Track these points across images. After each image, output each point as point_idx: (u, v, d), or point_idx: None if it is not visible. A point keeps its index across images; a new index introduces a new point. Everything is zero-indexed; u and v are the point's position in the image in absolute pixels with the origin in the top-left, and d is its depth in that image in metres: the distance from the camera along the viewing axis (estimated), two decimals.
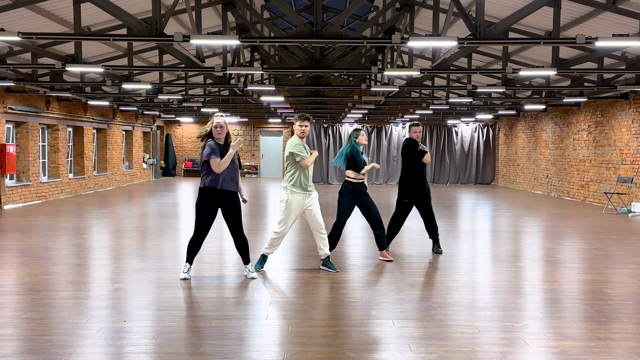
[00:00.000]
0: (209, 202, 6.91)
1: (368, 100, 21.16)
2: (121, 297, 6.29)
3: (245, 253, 7.22)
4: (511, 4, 10.51)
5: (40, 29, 11.20)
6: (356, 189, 8.13)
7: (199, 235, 7.00)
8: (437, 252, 8.97)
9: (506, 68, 11.44)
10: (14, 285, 6.86)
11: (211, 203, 6.91)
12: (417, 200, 8.90)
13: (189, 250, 7.09)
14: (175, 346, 4.77)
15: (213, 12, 13.44)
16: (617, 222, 13.14)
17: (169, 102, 21.04)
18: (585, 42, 7.79)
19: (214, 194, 6.88)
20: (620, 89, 13.65)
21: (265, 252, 7.63)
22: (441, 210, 15.69)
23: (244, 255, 7.23)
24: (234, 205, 7.00)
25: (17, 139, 16.60)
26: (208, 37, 8.51)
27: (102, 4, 7.95)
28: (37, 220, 12.87)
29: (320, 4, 8.72)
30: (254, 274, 7.21)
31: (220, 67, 11.32)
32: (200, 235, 7.00)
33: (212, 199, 6.89)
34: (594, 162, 17.82)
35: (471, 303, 6.15)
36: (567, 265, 8.20)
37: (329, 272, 7.54)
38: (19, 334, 5.05)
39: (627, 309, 5.96)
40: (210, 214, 6.94)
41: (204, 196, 6.91)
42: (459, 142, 27.78)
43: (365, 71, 11.93)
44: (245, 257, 7.24)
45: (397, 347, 4.81)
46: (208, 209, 6.93)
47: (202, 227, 6.96)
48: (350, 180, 8.14)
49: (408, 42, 8.06)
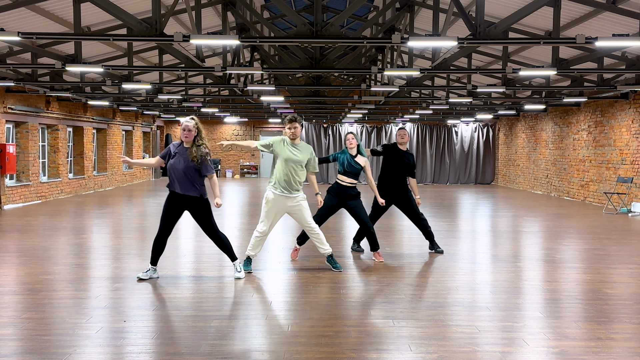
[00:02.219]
0: (170, 204, 6.97)
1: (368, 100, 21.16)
2: (121, 297, 6.28)
3: (228, 251, 7.21)
4: (511, 4, 10.51)
5: (40, 29, 11.20)
6: (343, 191, 8.16)
7: (160, 234, 7.04)
8: (438, 251, 8.96)
9: (506, 68, 11.44)
10: (14, 285, 6.86)
11: (172, 205, 6.96)
12: (400, 204, 8.83)
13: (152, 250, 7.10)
14: (175, 346, 4.76)
15: (213, 12, 13.44)
16: (617, 222, 13.14)
17: (169, 102, 21.04)
18: (585, 42, 7.79)
19: (175, 197, 6.93)
20: (620, 89, 13.65)
21: (248, 254, 7.54)
22: (441, 210, 15.69)
23: (227, 253, 7.23)
24: (198, 210, 6.99)
25: (17, 139, 16.60)
26: (208, 37, 8.51)
27: (102, 4, 7.95)
28: (37, 220, 12.86)
29: (320, 4, 8.72)
30: (241, 274, 7.17)
31: (220, 67, 11.32)
32: (161, 234, 7.04)
33: (173, 201, 6.94)
34: (594, 162, 17.82)
35: (471, 303, 6.15)
36: (567, 265, 8.20)
37: (333, 271, 7.53)
38: (19, 334, 5.05)
39: (627, 309, 5.96)
40: (171, 215, 6.98)
41: (167, 198, 7.01)
42: (459, 142, 27.78)
43: (365, 71, 11.93)
44: (230, 255, 7.24)
45: (397, 347, 4.81)
46: (169, 210, 6.97)
47: (162, 227, 7.02)
48: (338, 181, 8.25)
49: (408, 42, 8.06)
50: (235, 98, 21.22)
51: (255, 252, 7.53)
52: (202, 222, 7.06)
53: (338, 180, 8.26)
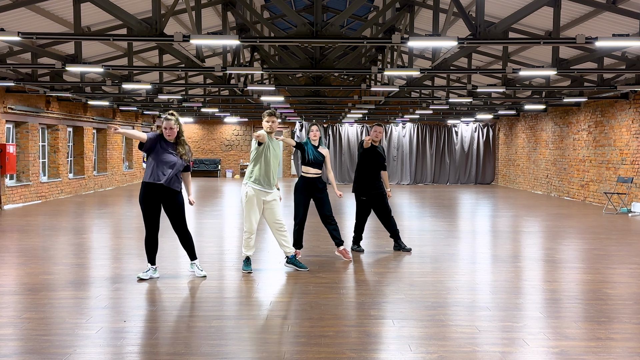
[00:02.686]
0: (147, 200, 6.89)
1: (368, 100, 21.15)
2: (121, 297, 6.28)
3: (191, 249, 7.24)
4: (511, 4, 10.51)
5: (40, 29, 11.20)
6: (309, 183, 8.17)
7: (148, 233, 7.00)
8: (405, 250, 9.01)
9: (506, 68, 11.44)
10: (14, 285, 6.86)
11: (150, 200, 6.89)
12: (374, 201, 8.93)
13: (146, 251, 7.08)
14: (175, 346, 4.76)
15: (213, 12, 13.43)
16: (617, 222, 13.14)
17: (169, 102, 21.04)
18: (585, 42, 7.79)
19: (152, 190, 6.85)
20: (620, 89, 13.65)
21: (245, 254, 7.50)
22: (441, 210, 15.69)
23: (190, 251, 7.25)
24: (176, 204, 6.98)
25: (17, 139, 16.60)
26: (208, 37, 8.51)
27: (102, 4, 7.95)
28: (37, 220, 12.87)
29: (320, 4, 8.72)
30: (203, 273, 7.20)
31: (220, 67, 11.32)
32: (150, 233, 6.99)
33: (150, 195, 6.87)
34: (594, 162, 17.82)
35: (471, 303, 6.15)
36: (567, 265, 8.20)
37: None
38: (19, 334, 5.05)
39: (627, 309, 5.96)
40: (152, 210, 6.92)
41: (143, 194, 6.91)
42: (459, 142, 27.78)
43: (365, 71, 11.93)
44: (191, 254, 7.27)
45: (397, 347, 4.81)
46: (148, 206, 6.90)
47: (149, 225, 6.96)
48: (303, 174, 8.24)
49: (408, 42, 8.05)
50: (235, 98, 21.22)
51: (250, 251, 7.48)
52: (176, 217, 7.03)
53: (303, 174, 8.24)
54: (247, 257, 7.53)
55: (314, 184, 8.20)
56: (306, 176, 8.21)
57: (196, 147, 30.33)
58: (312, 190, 8.21)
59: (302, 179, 8.26)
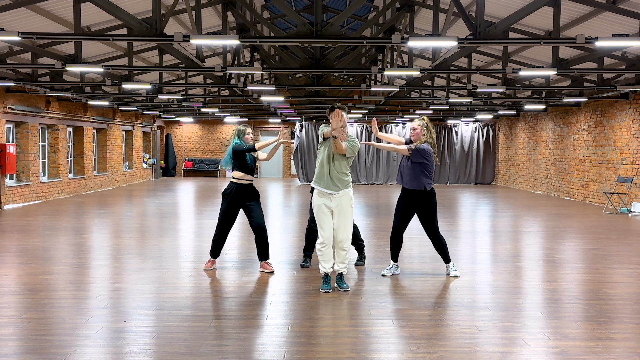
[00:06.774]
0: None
1: (368, 100, 21.18)
2: (121, 297, 6.28)
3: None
4: (511, 4, 10.51)
5: (40, 29, 11.20)
6: (240, 191, 7.45)
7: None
8: (358, 264, 8.05)
9: (506, 68, 11.44)
10: (14, 285, 6.86)
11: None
12: None
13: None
14: (175, 346, 4.76)
15: (213, 12, 13.44)
16: (617, 222, 13.13)
17: (169, 102, 21.04)
18: (585, 42, 7.79)
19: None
20: (620, 88, 13.65)
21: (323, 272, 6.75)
22: (441, 210, 15.62)
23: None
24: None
25: (17, 139, 16.60)
26: (208, 37, 8.51)
27: (102, 4, 7.95)
28: (37, 220, 12.86)
29: (320, 4, 8.72)
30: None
31: (220, 67, 11.32)
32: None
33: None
34: (594, 162, 17.82)
35: (471, 303, 6.15)
36: (567, 265, 8.20)
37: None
38: (19, 334, 5.05)
39: (627, 309, 5.96)
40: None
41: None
42: (459, 142, 27.77)
43: (365, 71, 11.93)
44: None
45: (397, 347, 4.81)
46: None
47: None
48: (233, 181, 7.50)
49: (408, 42, 8.06)
50: (235, 98, 21.22)
51: (328, 265, 6.66)
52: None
53: (234, 180, 7.48)
54: (326, 274, 6.69)
55: (248, 190, 7.53)
56: (241, 182, 7.52)
57: (196, 147, 30.34)
58: (245, 198, 7.51)
59: (234, 185, 7.52)
